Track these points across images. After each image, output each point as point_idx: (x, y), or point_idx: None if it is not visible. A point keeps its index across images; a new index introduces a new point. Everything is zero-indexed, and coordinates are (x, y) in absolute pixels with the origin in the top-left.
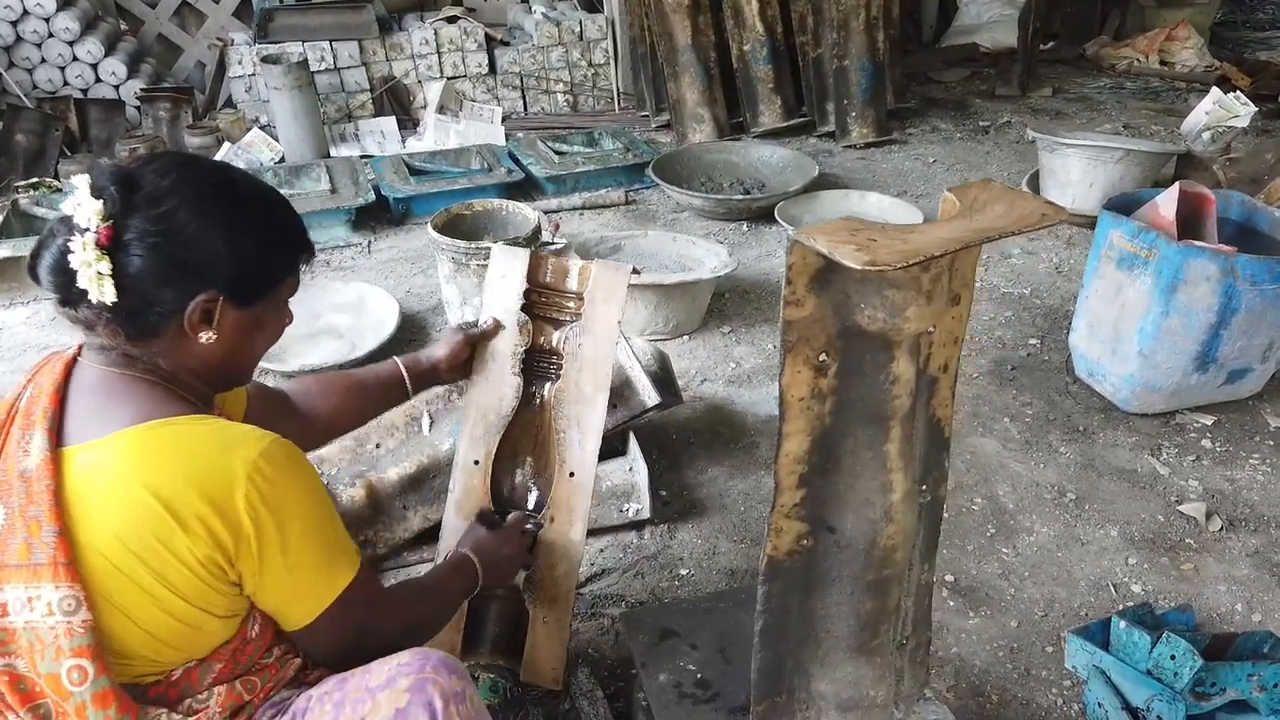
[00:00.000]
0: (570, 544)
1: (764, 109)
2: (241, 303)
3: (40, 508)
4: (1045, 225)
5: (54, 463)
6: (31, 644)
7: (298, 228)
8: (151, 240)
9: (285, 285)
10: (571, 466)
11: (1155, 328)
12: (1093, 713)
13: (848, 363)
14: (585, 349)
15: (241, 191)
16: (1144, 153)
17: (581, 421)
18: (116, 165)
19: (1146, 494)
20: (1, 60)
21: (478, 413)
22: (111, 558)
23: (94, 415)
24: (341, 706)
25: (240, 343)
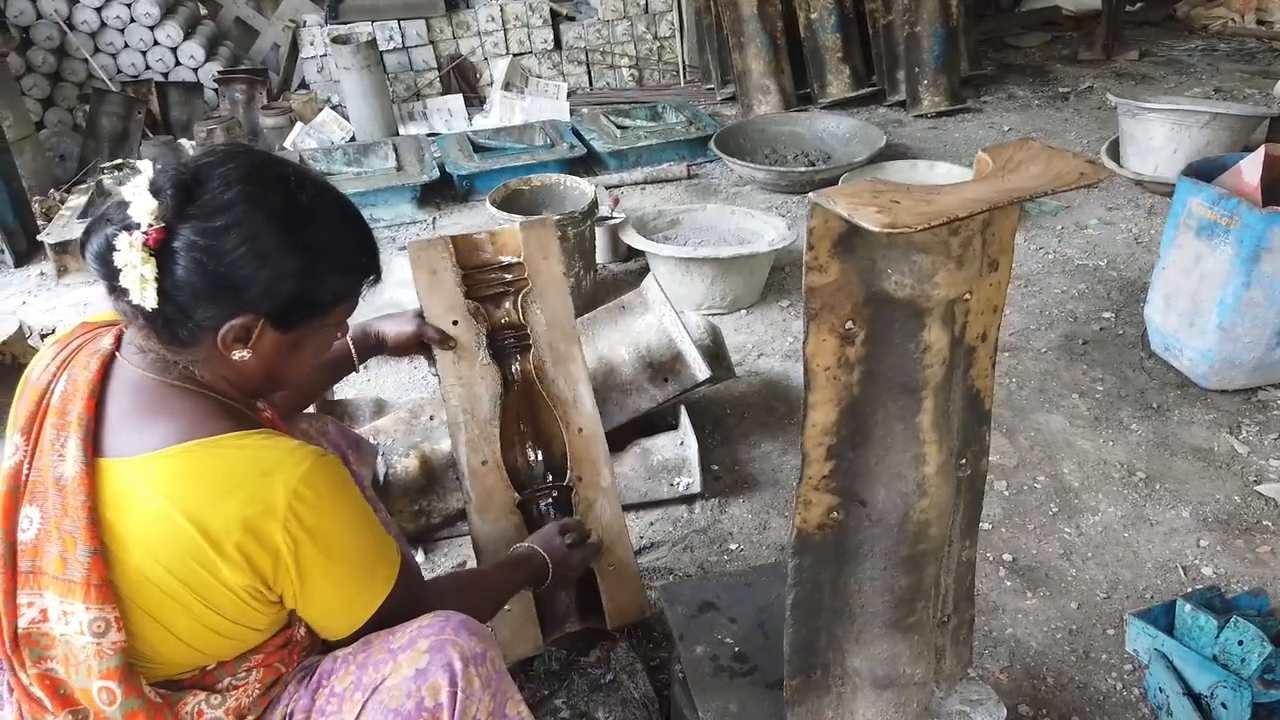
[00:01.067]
0: (605, 490)
1: (832, 79)
2: (282, 327)
3: (76, 523)
4: (1083, 185)
5: (90, 476)
6: (67, 656)
7: (363, 251)
8: (198, 254)
9: (336, 310)
10: (578, 423)
11: (1236, 299)
12: (1153, 698)
13: (876, 331)
14: (543, 310)
15: (305, 213)
16: (1231, 116)
17: (569, 378)
18: (182, 165)
19: (1223, 474)
20: (87, 45)
21: (465, 415)
22: (151, 577)
23: (133, 426)
24: (365, 667)
25: (277, 363)
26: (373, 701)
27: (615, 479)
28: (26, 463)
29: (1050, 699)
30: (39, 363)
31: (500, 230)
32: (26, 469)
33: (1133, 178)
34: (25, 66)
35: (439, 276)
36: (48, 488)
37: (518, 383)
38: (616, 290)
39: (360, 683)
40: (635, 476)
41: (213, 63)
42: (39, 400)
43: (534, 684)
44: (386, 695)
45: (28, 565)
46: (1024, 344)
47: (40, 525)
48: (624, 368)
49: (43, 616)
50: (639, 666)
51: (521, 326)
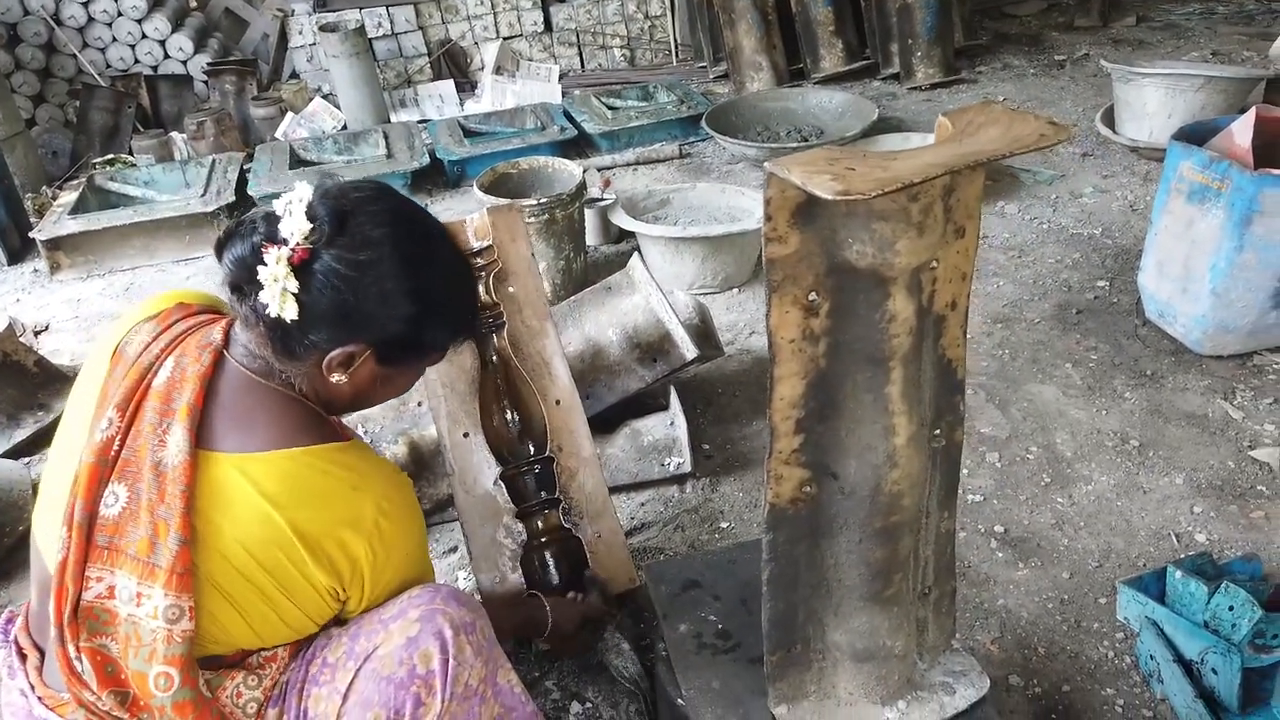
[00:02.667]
0: (585, 460)
1: (824, 53)
2: (384, 362)
3: (171, 510)
4: (1042, 146)
5: (193, 467)
6: (129, 636)
7: (470, 309)
8: (336, 281)
9: (433, 356)
10: (555, 395)
11: (1228, 264)
12: (1144, 665)
13: (840, 302)
14: (516, 290)
15: (434, 264)
16: (1226, 79)
17: (543, 353)
18: (340, 193)
19: (1217, 439)
20: (75, 41)
21: (445, 389)
22: (238, 564)
23: (237, 424)
24: (356, 637)
25: (368, 390)
26: (365, 669)
27: (595, 449)
28: (119, 439)
29: (1041, 669)
30: (134, 338)
31: (471, 216)
32: (118, 445)
33: (1128, 144)
34: (14, 63)
35: None
36: (143, 470)
37: (495, 361)
38: (608, 272)
39: (352, 652)
40: (626, 457)
41: (202, 54)
42: (140, 380)
43: (524, 665)
44: (378, 663)
45: (105, 541)
46: (1017, 315)
47: (127, 504)
48: (612, 349)
49: (109, 593)
50: (627, 646)
51: (495, 306)
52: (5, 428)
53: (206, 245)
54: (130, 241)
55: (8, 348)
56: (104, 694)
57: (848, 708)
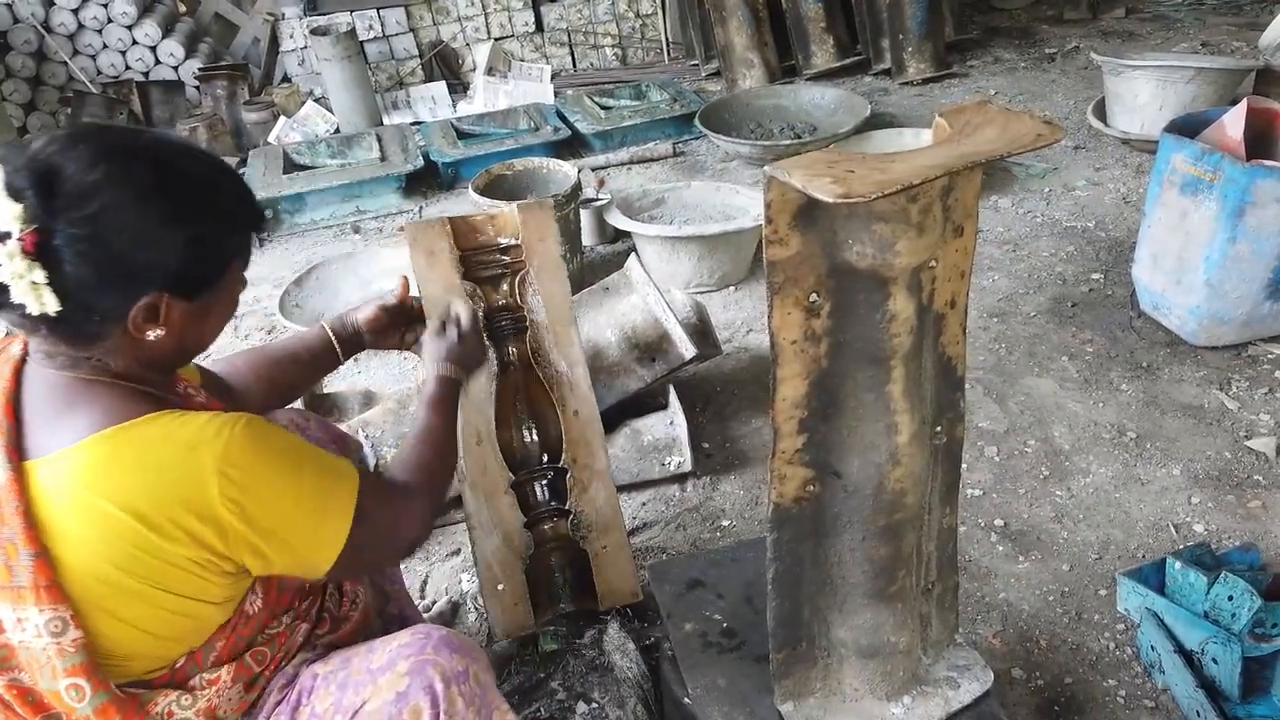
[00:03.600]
0: (599, 473)
1: (816, 50)
2: (189, 296)
3: (13, 530)
4: (1040, 146)
5: (19, 481)
6: (29, 662)
7: (244, 203)
8: (81, 246)
9: (236, 267)
10: (574, 406)
11: (1222, 255)
12: (1145, 656)
13: (841, 302)
14: (541, 293)
15: (178, 177)
16: (1216, 70)
17: (566, 360)
18: (34, 156)
19: (1213, 430)
20: (66, 48)
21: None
22: (96, 572)
23: (51, 425)
24: (345, 688)
25: (190, 332)
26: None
27: (610, 462)
28: None
29: (1043, 661)
30: None
31: (499, 212)
32: None
33: (1120, 137)
34: (4, 71)
35: (436, 257)
36: None
37: (514, 365)
38: (604, 272)
39: (340, 705)
40: (626, 457)
41: (193, 60)
42: None
43: (529, 667)
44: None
45: None
46: (1012, 309)
47: None
48: (610, 349)
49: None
50: (632, 646)
51: (519, 309)
52: None
53: None
54: None
55: None
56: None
57: (853, 704)
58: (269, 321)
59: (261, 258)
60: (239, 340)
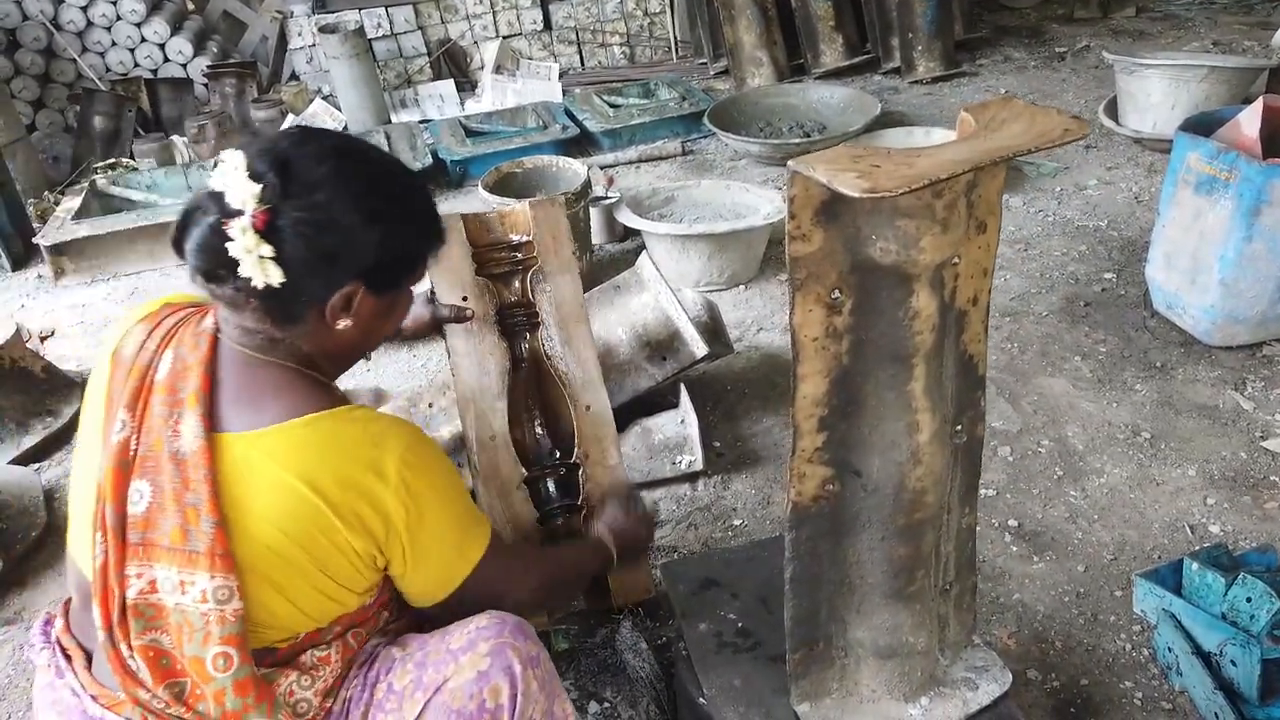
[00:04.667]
0: (612, 469)
1: (825, 48)
2: (379, 291)
3: (199, 495)
4: (1067, 141)
5: (210, 450)
6: (180, 625)
7: (434, 214)
8: (305, 230)
9: (418, 270)
10: (585, 400)
11: (1237, 254)
12: (1162, 658)
13: (863, 299)
14: (553, 290)
15: (390, 181)
16: (1229, 69)
17: (578, 356)
18: (270, 147)
19: (1228, 430)
20: (75, 45)
21: (474, 389)
22: (272, 545)
23: (246, 403)
24: (424, 666)
25: (373, 328)
26: (435, 701)
27: (622, 458)
28: (134, 438)
29: (1059, 662)
30: (129, 340)
31: (511, 209)
32: (135, 444)
33: (1131, 136)
34: (13, 69)
35: (448, 253)
36: (161, 462)
37: (526, 360)
38: (614, 271)
39: (420, 682)
40: (637, 456)
41: (201, 57)
42: (142, 378)
43: None
44: (449, 696)
45: (137, 538)
46: (1025, 308)
47: (152, 499)
48: (621, 348)
49: (151, 587)
50: (644, 645)
51: (531, 304)
52: (14, 434)
53: None
54: (134, 246)
55: (14, 354)
56: (159, 689)
57: (871, 705)
58: None
59: None
60: None
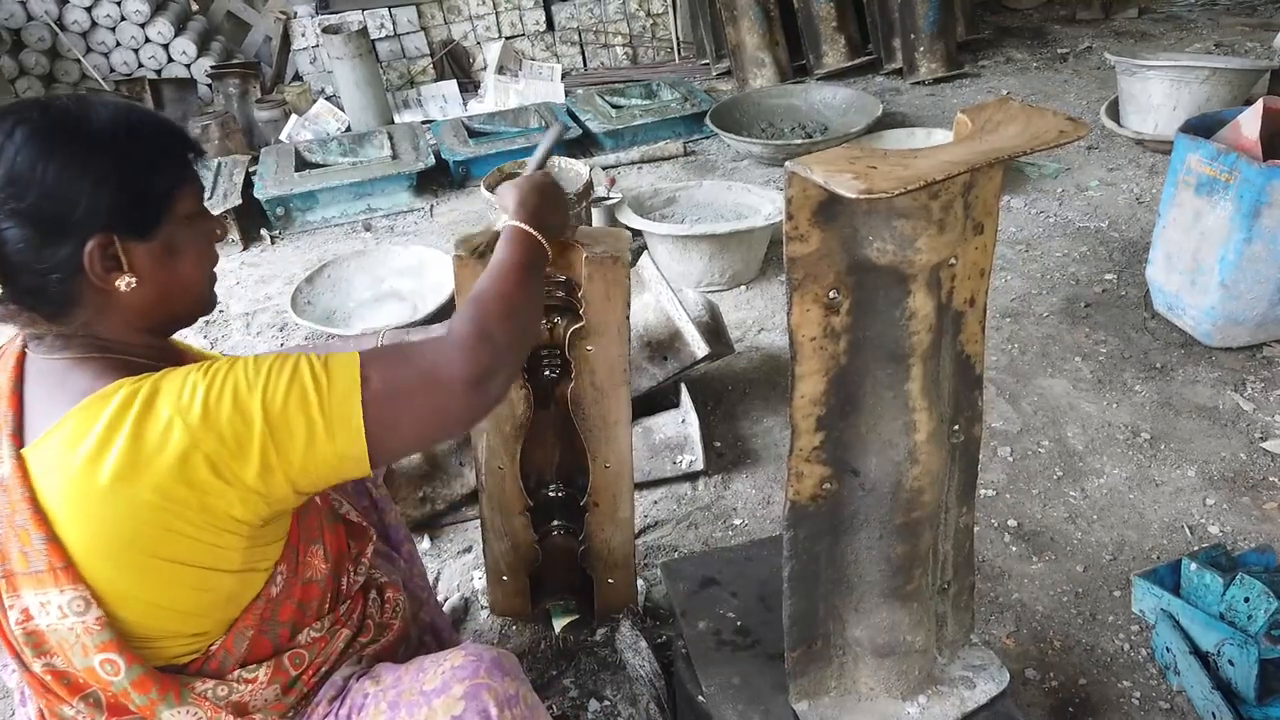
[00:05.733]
0: (620, 521)
1: (827, 49)
2: (141, 234)
3: (24, 516)
4: (1063, 143)
5: (22, 468)
6: (60, 644)
7: (164, 130)
8: (9, 206)
9: (182, 197)
10: (606, 458)
11: (1238, 256)
12: (1161, 657)
13: (860, 299)
14: (596, 350)
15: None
16: (1231, 71)
17: (606, 417)
18: None
19: (1228, 431)
20: (79, 46)
21: (490, 422)
22: (99, 552)
23: (46, 409)
24: (397, 708)
25: (166, 276)
26: None
27: (634, 509)
28: None
29: (1057, 662)
30: None
31: (570, 247)
32: None
33: (1133, 137)
34: (18, 69)
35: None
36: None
37: (555, 403)
38: None
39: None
40: (638, 456)
41: (205, 58)
42: None
43: (541, 663)
44: None
45: (1, 570)
46: (1025, 309)
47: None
48: None
49: (25, 616)
50: (644, 644)
51: (562, 353)
52: None
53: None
54: None
55: None
56: (76, 701)
57: (868, 703)
58: (281, 319)
59: (273, 255)
60: (251, 337)
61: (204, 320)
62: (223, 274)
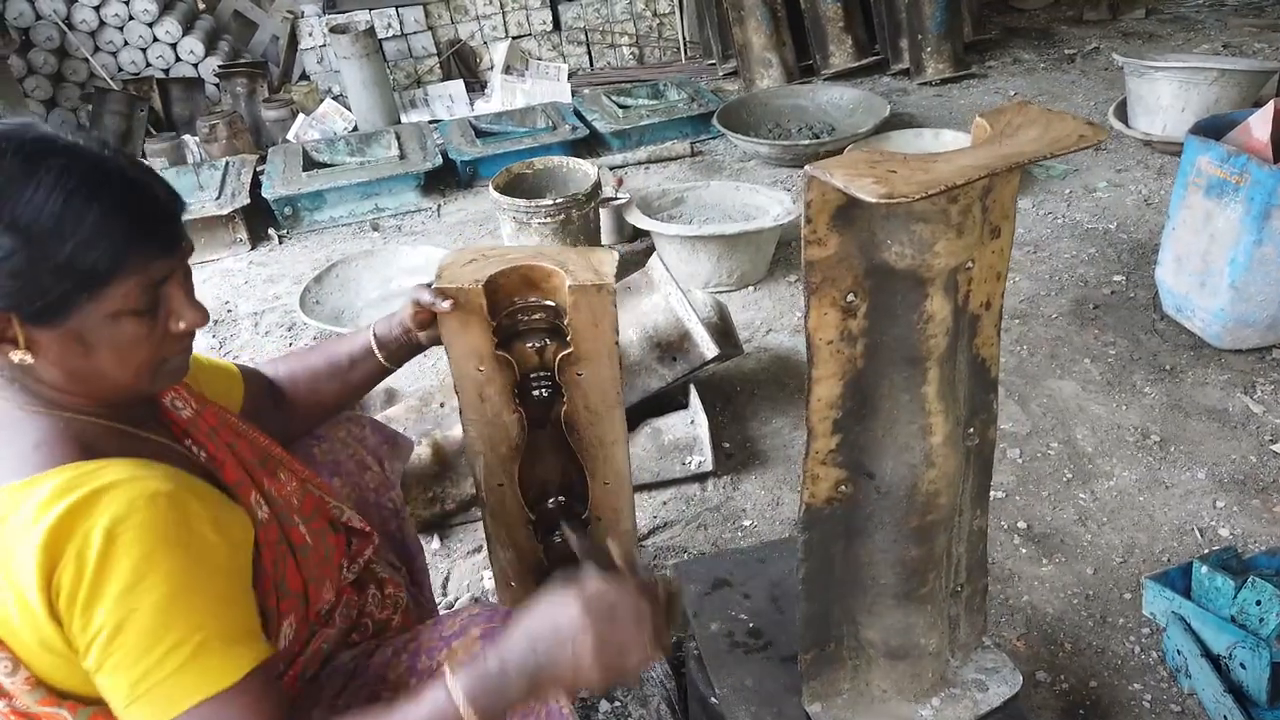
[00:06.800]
0: (622, 533)
1: (834, 49)
2: (40, 321)
3: None
4: (1082, 147)
5: None
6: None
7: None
8: None
9: (115, 291)
10: (605, 477)
11: (1248, 258)
12: (1171, 660)
13: (878, 303)
14: (586, 376)
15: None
16: (1240, 72)
17: (603, 438)
18: None
19: (1238, 434)
20: (87, 45)
21: (486, 445)
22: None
23: None
24: (417, 655)
25: (76, 365)
26: None
27: (635, 521)
28: None
29: (1068, 664)
30: None
31: (554, 272)
32: None
33: (1141, 138)
34: (27, 68)
35: (467, 323)
36: None
37: (550, 425)
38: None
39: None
40: (647, 456)
41: (212, 57)
42: None
43: None
44: None
45: None
46: (1034, 310)
47: None
48: (632, 348)
49: None
50: None
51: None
52: None
53: (222, 248)
54: None
55: None
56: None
57: (881, 705)
58: (289, 318)
59: (281, 255)
60: (259, 337)
61: (213, 320)
62: (231, 273)
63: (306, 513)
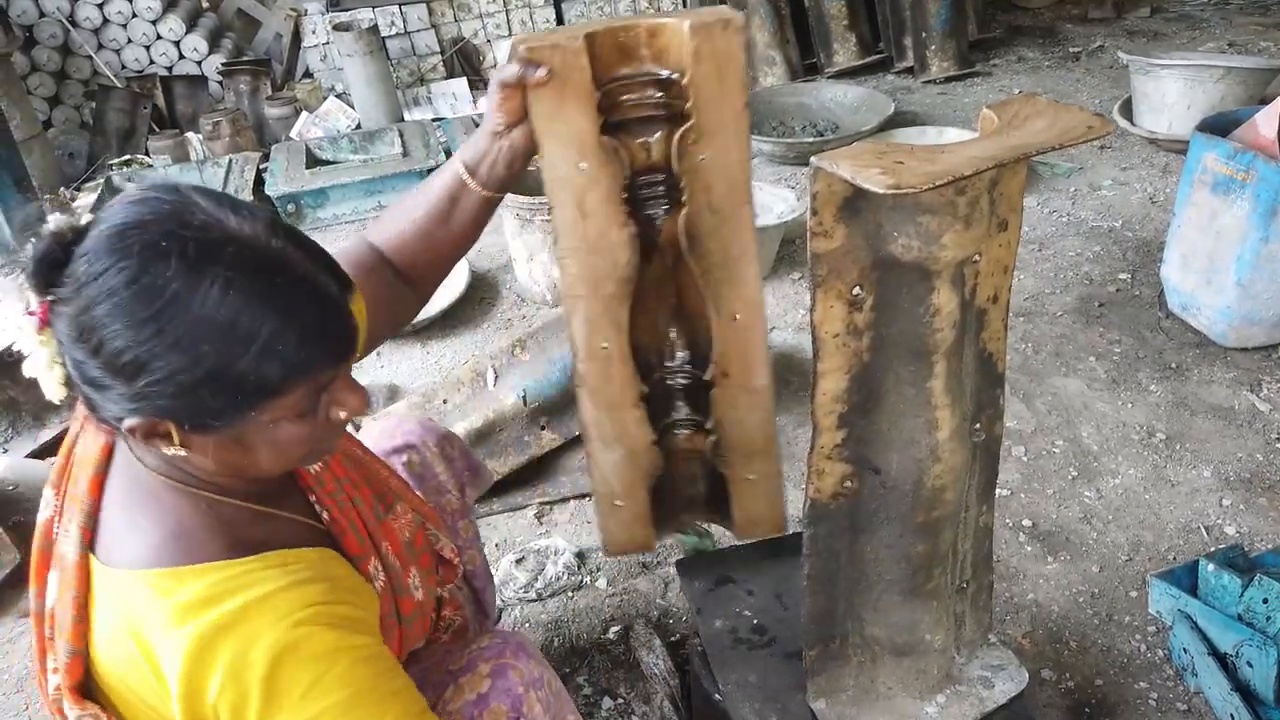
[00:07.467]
0: (756, 392)
1: (838, 47)
2: (202, 428)
3: (65, 614)
4: (1091, 138)
5: (83, 567)
6: None
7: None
8: (67, 342)
9: (283, 401)
10: (733, 309)
11: (1254, 255)
12: (1178, 659)
13: (884, 295)
14: (710, 158)
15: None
16: (1245, 70)
17: (728, 250)
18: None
19: (1244, 432)
20: (91, 42)
21: (587, 285)
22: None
23: (122, 524)
24: (423, 687)
25: (233, 462)
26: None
27: (772, 380)
28: (57, 519)
29: (1073, 662)
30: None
31: (663, 26)
32: (57, 526)
33: (1146, 136)
34: (30, 65)
35: (566, 96)
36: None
37: (661, 246)
38: None
39: None
40: None
41: (216, 55)
42: (69, 452)
43: (554, 662)
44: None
45: (49, 633)
46: (1039, 308)
47: (59, 592)
48: None
49: (58, 692)
50: (658, 642)
51: (677, 173)
52: (31, 428)
53: None
54: None
55: None
56: None
57: (886, 702)
58: None
59: None
60: None
61: None
62: None
63: (418, 546)
